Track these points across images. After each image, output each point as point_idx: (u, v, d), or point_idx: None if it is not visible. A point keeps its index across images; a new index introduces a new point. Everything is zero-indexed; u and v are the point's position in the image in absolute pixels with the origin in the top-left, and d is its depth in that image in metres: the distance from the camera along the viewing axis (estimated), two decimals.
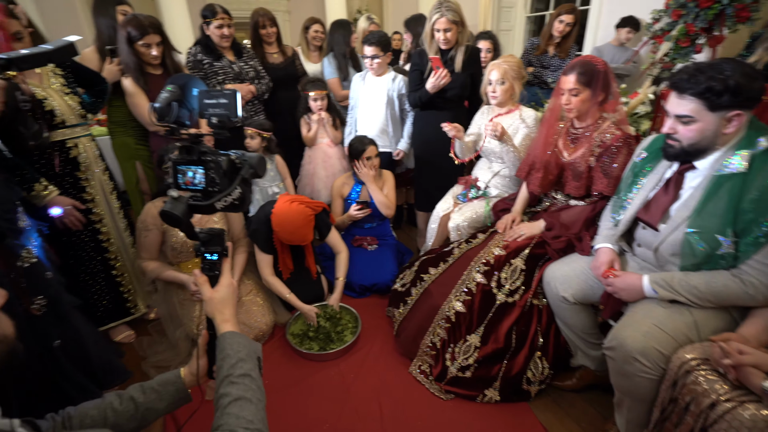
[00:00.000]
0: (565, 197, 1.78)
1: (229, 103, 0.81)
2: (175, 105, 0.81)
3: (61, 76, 1.70)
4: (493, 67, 2.01)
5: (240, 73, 2.51)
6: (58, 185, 1.67)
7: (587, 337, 1.57)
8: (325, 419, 1.55)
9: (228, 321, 0.85)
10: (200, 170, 0.80)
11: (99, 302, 1.90)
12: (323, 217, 2.13)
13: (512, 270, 1.67)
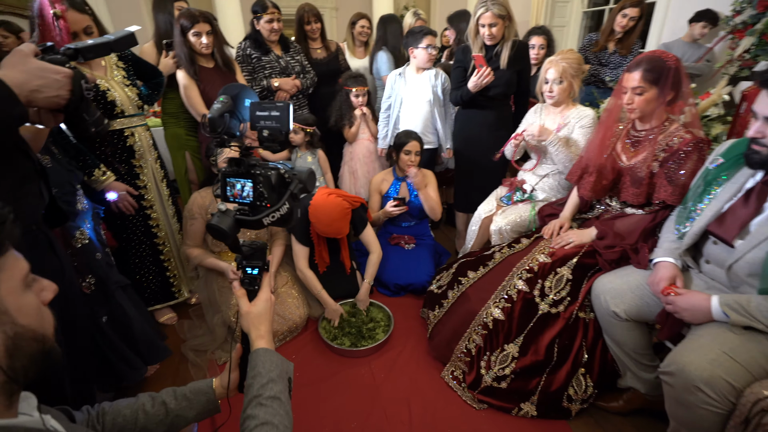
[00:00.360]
0: (620, 204, 1.64)
1: (281, 115, 0.79)
2: (227, 116, 0.80)
3: (122, 69, 1.80)
4: (550, 65, 1.89)
5: (286, 68, 2.55)
6: (114, 171, 1.77)
7: (639, 357, 1.44)
8: (353, 417, 1.53)
9: (263, 337, 0.84)
10: (249, 183, 0.79)
11: (147, 284, 2.00)
12: (360, 213, 2.11)
13: (557, 279, 1.57)
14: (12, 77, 0.78)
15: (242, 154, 0.81)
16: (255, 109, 0.81)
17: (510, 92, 2.27)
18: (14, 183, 0.88)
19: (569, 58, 1.87)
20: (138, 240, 1.93)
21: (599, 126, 1.67)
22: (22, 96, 0.79)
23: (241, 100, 0.83)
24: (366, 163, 2.68)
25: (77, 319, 1.12)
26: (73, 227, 1.42)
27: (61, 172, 1.40)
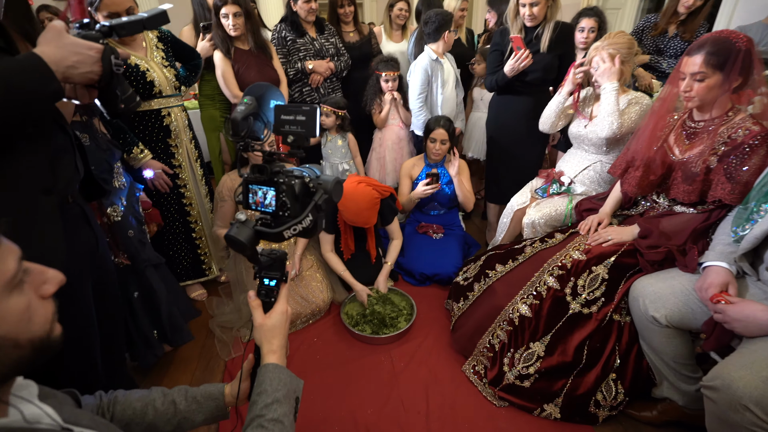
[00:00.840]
0: (669, 202, 1.51)
1: (307, 120, 0.74)
2: (251, 119, 0.76)
3: (162, 50, 1.84)
4: (594, 52, 1.74)
5: (321, 50, 2.53)
6: (151, 150, 1.83)
7: (679, 367, 1.33)
8: (370, 404, 1.53)
9: (275, 352, 0.80)
10: (271, 192, 0.75)
11: (179, 260, 2.08)
12: (389, 203, 2.08)
13: (592, 278, 1.47)
14: (49, 54, 0.80)
15: (266, 160, 0.77)
16: (280, 113, 0.76)
17: (549, 78, 2.13)
18: (51, 155, 0.91)
19: (617, 43, 1.71)
20: (172, 217, 2.00)
21: (650, 115, 1.53)
22: (58, 72, 0.81)
23: (266, 101, 0.79)
24: (394, 150, 2.63)
25: (109, 289, 1.17)
26: (107, 204, 1.48)
27: (98, 151, 1.46)
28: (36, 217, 0.87)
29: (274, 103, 0.80)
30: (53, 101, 0.84)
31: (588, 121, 1.87)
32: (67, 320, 0.95)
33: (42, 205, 0.88)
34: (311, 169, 0.85)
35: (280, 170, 0.76)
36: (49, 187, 0.90)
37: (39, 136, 0.88)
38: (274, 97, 0.81)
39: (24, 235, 0.85)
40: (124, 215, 1.52)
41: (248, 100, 0.78)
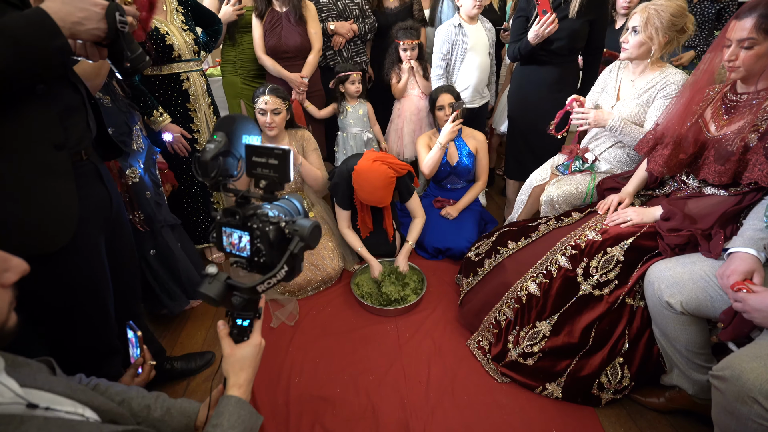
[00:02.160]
0: (698, 183, 1.40)
1: (280, 164, 0.69)
2: (220, 159, 0.71)
3: (181, 13, 1.84)
4: (637, 9, 1.59)
5: (344, 11, 2.44)
6: (170, 114, 1.86)
7: (692, 356, 1.28)
8: (373, 371, 1.57)
9: (240, 386, 0.75)
10: (246, 236, 0.70)
11: (197, 223, 2.15)
12: (406, 181, 2.03)
13: (606, 259, 1.41)
14: (55, 9, 0.80)
15: (238, 203, 0.72)
16: (251, 153, 0.71)
17: (577, 47, 1.99)
18: (61, 113, 0.94)
19: (662, 5, 1.54)
20: (190, 181, 2.05)
21: (686, 88, 1.41)
22: (65, 29, 0.81)
23: (238, 135, 0.74)
24: (413, 121, 2.55)
25: (124, 245, 1.22)
26: (125, 165, 1.53)
27: (117, 113, 1.50)
28: (49, 172, 0.90)
29: (246, 138, 0.74)
30: (60, 57, 0.85)
31: (616, 101, 1.75)
32: (79, 273, 1.01)
33: (55, 160, 0.91)
34: (290, 201, 0.80)
35: (254, 213, 0.71)
36: (61, 142, 0.92)
37: (49, 93, 0.90)
38: (247, 130, 0.76)
39: (38, 189, 0.89)
40: (141, 177, 1.57)
41: (218, 136, 0.72)
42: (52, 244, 0.92)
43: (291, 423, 1.38)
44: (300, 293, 1.96)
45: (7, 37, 0.75)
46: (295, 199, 0.81)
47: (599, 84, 1.87)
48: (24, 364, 0.63)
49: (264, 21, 2.19)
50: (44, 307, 1.00)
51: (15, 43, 0.75)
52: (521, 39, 2.00)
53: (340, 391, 1.49)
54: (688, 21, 1.55)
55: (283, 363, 1.61)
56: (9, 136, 0.84)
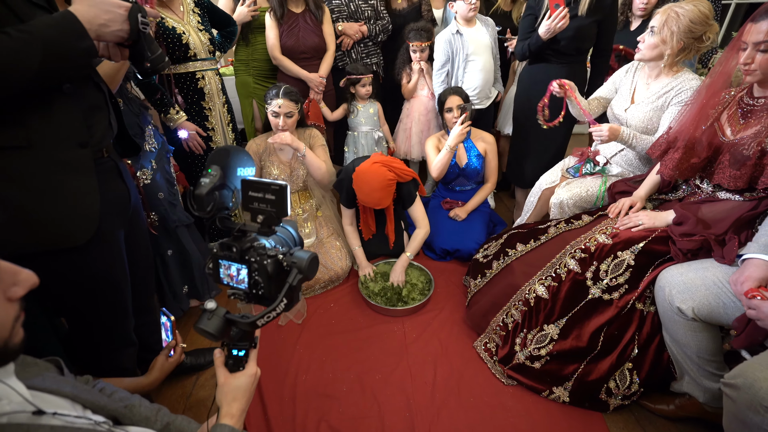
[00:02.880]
0: (712, 188, 1.38)
1: (277, 200, 0.67)
2: (216, 194, 0.70)
3: (198, 14, 1.88)
4: (659, 11, 1.55)
5: (355, 12, 2.44)
6: (185, 112, 1.89)
7: (704, 363, 1.26)
8: (379, 370, 1.57)
9: (233, 416, 0.73)
10: (244, 269, 0.70)
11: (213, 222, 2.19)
12: (409, 187, 1.97)
13: (616, 263, 1.40)
14: (83, 12, 0.83)
15: (235, 237, 0.70)
16: (247, 188, 0.69)
17: (585, 47, 1.98)
18: (86, 112, 0.96)
19: (685, 9, 1.48)
20: None
21: (701, 91, 1.39)
22: (91, 31, 0.85)
23: (233, 168, 0.73)
24: (421, 122, 2.55)
25: (140, 240, 1.25)
26: (136, 167, 1.55)
27: (130, 114, 1.52)
28: (73, 169, 0.93)
29: (240, 170, 0.73)
30: (87, 58, 0.88)
31: (630, 104, 1.73)
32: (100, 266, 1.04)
33: (78, 158, 0.94)
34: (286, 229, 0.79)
35: (252, 245, 0.70)
36: (85, 141, 0.95)
37: (75, 92, 0.93)
38: (241, 162, 0.74)
39: (63, 185, 0.92)
40: (154, 178, 1.59)
41: (212, 170, 0.72)
42: (76, 239, 0.94)
43: (297, 419, 1.39)
44: (308, 291, 1.98)
45: (38, 39, 0.77)
46: (290, 226, 0.80)
47: (612, 82, 1.85)
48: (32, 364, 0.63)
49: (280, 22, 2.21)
50: (66, 300, 1.03)
51: (45, 45, 0.78)
52: (530, 37, 2.00)
53: (346, 390, 1.50)
54: (709, 30, 1.49)
55: (291, 360, 1.62)
56: (37, 134, 0.87)
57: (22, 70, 0.77)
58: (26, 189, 0.87)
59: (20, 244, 0.89)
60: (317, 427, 1.37)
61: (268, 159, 2.01)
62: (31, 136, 0.86)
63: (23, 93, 0.81)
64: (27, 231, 0.89)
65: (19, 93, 0.80)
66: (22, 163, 0.86)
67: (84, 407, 0.65)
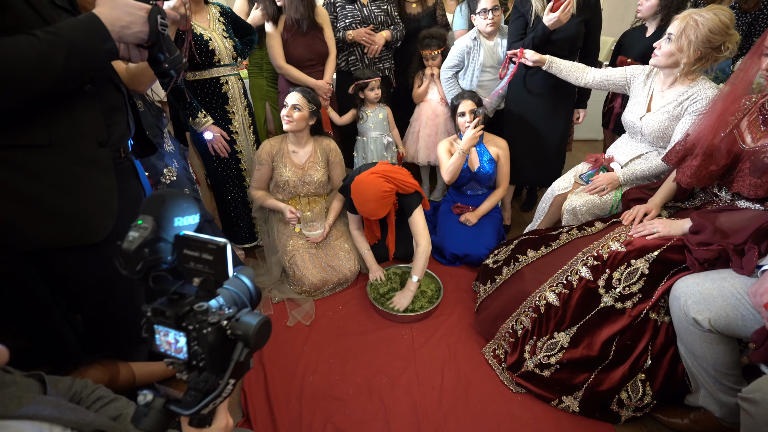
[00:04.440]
0: (731, 196, 1.35)
1: (215, 261, 0.56)
2: (145, 251, 0.58)
3: (222, 23, 1.94)
4: (678, 17, 1.51)
5: (368, 17, 2.45)
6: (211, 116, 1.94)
7: (720, 377, 1.22)
8: (386, 373, 1.57)
9: None
10: (182, 337, 0.58)
11: (239, 225, 2.25)
12: (410, 199, 1.91)
13: (630, 272, 1.37)
14: (105, 14, 0.86)
15: (170, 300, 0.59)
16: (182, 246, 0.59)
17: (576, 46, 2.01)
18: (106, 112, 0.99)
19: (705, 17, 1.43)
20: (231, 183, 2.13)
21: (720, 97, 1.36)
22: (113, 33, 0.87)
23: (168, 219, 0.62)
24: (428, 126, 2.54)
25: None
26: (162, 165, 1.59)
27: (149, 116, 1.57)
28: (93, 167, 0.96)
29: (179, 221, 0.62)
30: (109, 60, 0.91)
31: (645, 112, 1.70)
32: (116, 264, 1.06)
33: (98, 156, 0.97)
34: (239, 280, 0.68)
35: (191, 309, 0.58)
36: (105, 140, 0.98)
37: (96, 92, 0.95)
38: (180, 210, 0.63)
39: (83, 183, 0.94)
40: (179, 175, 1.63)
41: (143, 221, 0.60)
42: (95, 235, 0.96)
43: (303, 420, 1.39)
44: (316, 294, 1.98)
45: (64, 42, 0.80)
46: (245, 277, 0.70)
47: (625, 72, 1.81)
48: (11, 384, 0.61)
49: (281, 30, 2.22)
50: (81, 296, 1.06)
51: (70, 47, 0.81)
52: (521, 40, 2.03)
53: (353, 392, 1.50)
54: (729, 40, 1.46)
55: (299, 361, 1.63)
56: (59, 133, 0.90)
57: (47, 71, 0.80)
58: (48, 185, 0.90)
59: (40, 239, 0.92)
60: (323, 428, 1.37)
61: (281, 161, 2.03)
62: (53, 134, 0.89)
63: (46, 94, 0.83)
64: (48, 226, 0.91)
65: (43, 94, 0.83)
66: (44, 160, 0.89)
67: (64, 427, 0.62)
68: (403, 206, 1.95)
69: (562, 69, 1.92)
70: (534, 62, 1.93)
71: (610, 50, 3.53)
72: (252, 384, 1.54)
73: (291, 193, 2.07)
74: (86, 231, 0.95)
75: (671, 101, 1.60)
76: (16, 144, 0.86)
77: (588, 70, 1.90)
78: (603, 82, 1.87)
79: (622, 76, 1.82)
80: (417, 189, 1.94)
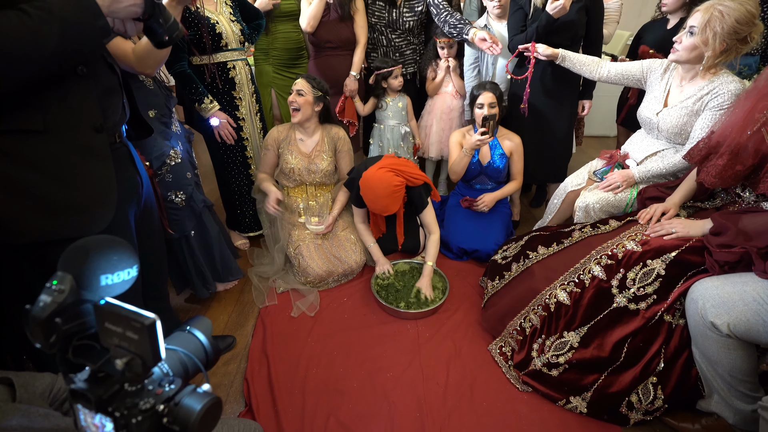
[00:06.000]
0: (755, 197, 1.30)
1: (141, 341, 0.44)
2: (58, 321, 0.46)
3: (230, 6, 1.90)
4: (699, 9, 1.45)
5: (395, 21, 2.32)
6: (218, 102, 1.91)
7: (736, 383, 1.19)
8: (390, 368, 1.54)
9: None
10: (109, 423, 0.45)
11: (245, 213, 2.23)
12: (420, 192, 1.90)
13: (645, 272, 1.33)
14: None
15: (91, 380, 0.46)
16: (104, 318, 0.45)
17: (578, 35, 1.96)
18: (101, 95, 0.95)
19: (729, 7, 1.37)
20: (237, 170, 2.10)
21: (749, 94, 1.30)
22: (104, 7, 0.83)
23: (92, 277, 0.49)
24: (443, 120, 2.48)
25: (152, 226, 1.24)
26: (168, 147, 1.56)
27: (159, 95, 1.53)
28: (90, 154, 0.92)
29: (106, 279, 0.50)
30: (101, 37, 0.86)
31: (662, 107, 1.64)
32: None
33: (95, 143, 0.92)
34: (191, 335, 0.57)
35: (120, 389, 0.46)
36: (100, 125, 0.93)
37: (89, 74, 0.91)
38: (108, 266, 0.50)
39: (81, 171, 0.90)
40: (183, 158, 1.60)
41: (59, 282, 0.47)
42: (95, 226, 0.93)
43: (306, 413, 1.37)
44: (321, 285, 1.96)
45: (56, 18, 0.76)
46: (198, 331, 0.57)
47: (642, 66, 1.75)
48: None
49: None
50: None
51: (63, 24, 0.77)
52: (522, 32, 1.98)
53: (356, 386, 1.47)
54: (754, 30, 1.39)
55: (302, 353, 1.61)
56: (53, 118, 0.86)
57: (40, 49, 0.75)
58: (45, 174, 0.86)
59: (39, 231, 0.87)
60: (326, 421, 1.35)
61: (287, 148, 1.99)
62: (48, 119, 0.85)
63: (39, 75, 0.79)
64: (46, 219, 0.87)
65: (36, 74, 0.79)
66: (40, 148, 0.85)
67: None
68: (412, 198, 1.91)
69: (575, 62, 1.86)
70: (546, 56, 1.87)
71: (626, 44, 3.45)
72: (255, 374, 1.52)
73: (297, 181, 2.04)
74: (85, 223, 0.91)
75: (690, 96, 1.55)
76: (9, 129, 0.82)
77: (603, 63, 1.83)
78: (618, 76, 1.81)
79: (638, 69, 1.76)
80: (425, 180, 1.91)
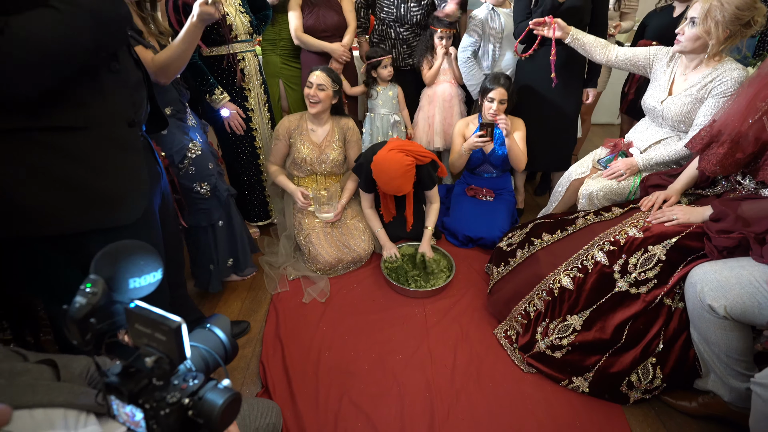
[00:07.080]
0: (755, 184, 1.33)
1: (168, 342, 0.50)
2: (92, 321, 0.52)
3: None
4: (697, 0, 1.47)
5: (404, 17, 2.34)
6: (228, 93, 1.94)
7: (732, 363, 1.24)
8: (399, 351, 1.61)
9: None
10: (139, 413, 0.51)
11: (253, 202, 2.27)
12: (428, 169, 1.98)
13: (647, 258, 1.38)
14: None
15: (123, 374, 0.52)
16: (134, 320, 0.52)
17: (584, 21, 1.97)
18: (131, 90, 0.98)
19: None
20: (246, 160, 2.14)
21: (751, 82, 1.32)
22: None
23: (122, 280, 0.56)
24: (444, 109, 2.50)
25: (169, 217, 1.29)
26: (187, 140, 1.60)
27: (173, 91, 1.56)
28: (125, 147, 0.95)
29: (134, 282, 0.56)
30: (126, 24, 0.90)
31: (667, 96, 1.66)
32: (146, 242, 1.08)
33: (129, 136, 0.97)
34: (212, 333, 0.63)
35: (148, 383, 0.51)
36: (132, 119, 0.97)
37: (122, 71, 0.94)
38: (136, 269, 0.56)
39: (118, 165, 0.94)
40: (203, 149, 1.64)
41: (92, 285, 0.53)
42: (130, 217, 0.96)
43: (320, 393, 1.44)
44: (331, 272, 2.02)
45: (86, 10, 0.79)
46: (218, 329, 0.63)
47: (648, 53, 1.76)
48: (24, 372, 0.60)
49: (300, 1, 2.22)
50: None
51: (93, 15, 0.80)
52: (528, 18, 1.99)
53: (367, 368, 1.54)
54: (757, 14, 1.41)
55: (314, 337, 1.68)
56: (95, 114, 0.89)
57: (78, 43, 0.79)
58: (87, 168, 0.89)
59: (81, 223, 0.91)
60: (339, 401, 1.42)
61: (299, 138, 2.03)
62: (88, 115, 0.88)
63: (78, 69, 0.83)
64: (89, 209, 0.90)
65: (75, 68, 0.82)
66: (83, 143, 0.88)
67: (80, 411, 0.60)
68: (422, 176, 1.99)
69: (585, 43, 1.86)
70: (559, 35, 1.86)
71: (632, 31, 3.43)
72: (270, 357, 1.59)
73: (308, 170, 2.09)
74: (124, 212, 0.95)
75: (695, 84, 1.57)
76: (53, 126, 0.84)
77: (611, 47, 1.84)
78: (626, 61, 1.82)
79: (645, 56, 1.77)
80: (433, 157, 1.98)
